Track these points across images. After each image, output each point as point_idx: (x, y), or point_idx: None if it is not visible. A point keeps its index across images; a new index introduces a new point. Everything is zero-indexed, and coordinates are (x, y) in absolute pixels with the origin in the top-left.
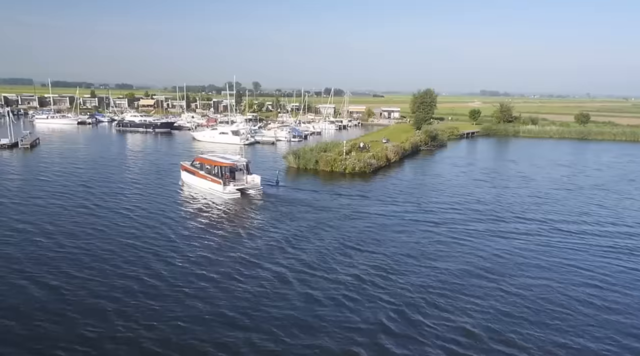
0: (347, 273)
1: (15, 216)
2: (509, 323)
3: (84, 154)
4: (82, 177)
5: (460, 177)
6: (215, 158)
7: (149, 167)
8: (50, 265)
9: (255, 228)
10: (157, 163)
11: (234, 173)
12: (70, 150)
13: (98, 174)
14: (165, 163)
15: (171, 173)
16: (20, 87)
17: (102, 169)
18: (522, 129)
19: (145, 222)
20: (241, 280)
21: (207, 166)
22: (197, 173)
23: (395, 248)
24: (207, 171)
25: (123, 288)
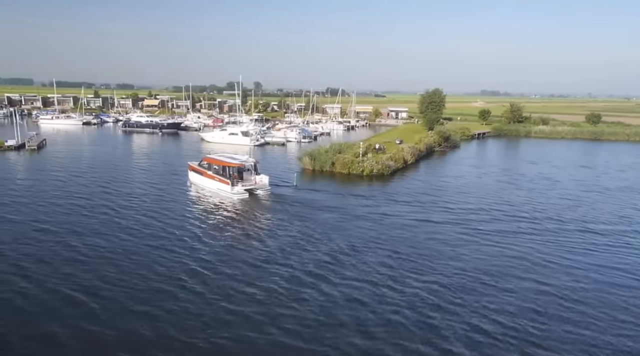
0: (396, 289)
1: (40, 216)
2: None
3: (93, 156)
4: (95, 179)
5: (483, 179)
6: (223, 158)
7: (159, 168)
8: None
9: (268, 229)
10: (167, 165)
11: (241, 174)
12: (78, 152)
13: (109, 176)
14: (175, 164)
15: (183, 174)
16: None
17: (112, 171)
18: (534, 130)
19: (155, 222)
20: (253, 282)
21: (215, 166)
22: (204, 173)
23: (440, 260)
24: (215, 171)
25: (135, 288)
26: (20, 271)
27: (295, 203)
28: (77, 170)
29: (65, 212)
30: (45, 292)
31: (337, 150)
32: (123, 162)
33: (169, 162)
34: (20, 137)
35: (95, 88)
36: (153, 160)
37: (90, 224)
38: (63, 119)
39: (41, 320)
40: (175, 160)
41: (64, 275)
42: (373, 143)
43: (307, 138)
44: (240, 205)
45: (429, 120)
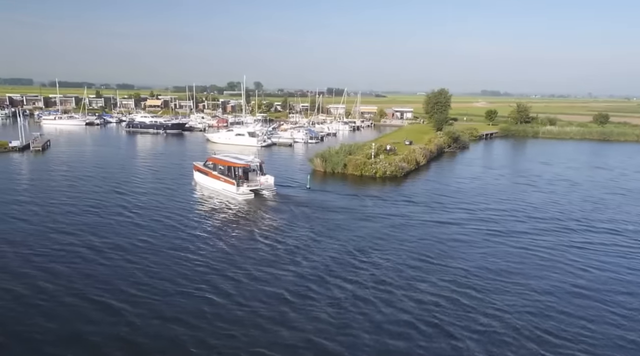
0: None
1: (57, 219)
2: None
3: (99, 157)
4: (106, 181)
5: (500, 181)
6: (229, 158)
7: (168, 170)
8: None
9: (276, 230)
10: (176, 166)
11: (247, 174)
12: (83, 153)
13: (119, 177)
14: (184, 165)
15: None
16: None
17: (120, 172)
18: (542, 130)
19: (163, 222)
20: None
21: (220, 166)
22: (210, 173)
23: (468, 262)
24: (220, 171)
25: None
26: (45, 276)
27: (313, 206)
28: (86, 171)
29: (80, 214)
30: (74, 297)
31: (348, 152)
32: (130, 163)
33: (177, 163)
34: (24, 138)
35: (95, 88)
36: (160, 161)
37: (106, 226)
38: (66, 120)
39: (73, 325)
40: (183, 161)
41: (89, 279)
42: (384, 145)
43: (314, 139)
44: (246, 206)
45: (437, 120)
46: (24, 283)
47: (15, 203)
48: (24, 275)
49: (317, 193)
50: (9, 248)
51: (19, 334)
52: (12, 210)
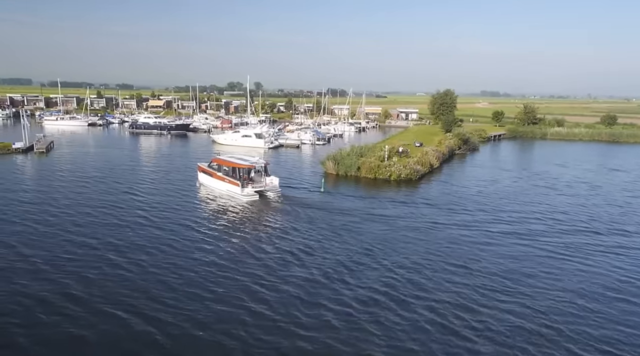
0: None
1: (72, 226)
2: None
3: (105, 159)
4: (118, 184)
5: (520, 183)
6: (233, 159)
7: (178, 172)
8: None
9: (284, 232)
10: (186, 167)
11: (251, 175)
12: (89, 155)
13: (130, 180)
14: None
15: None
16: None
17: (130, 175)
18: (550, 131)
19: (170, 224)
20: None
21: (224, 167)
22: (214, 174)
23: (501, 266)
24: (224, 172)
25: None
26: (64, 290)
27: (329, 209)
28: (94, 173)
29: (97, 216)
30: (97, 315)
31: (359, 154)
32: (138, 164)
33: (186, 164)
34: (27, 139)
35: (93, 88)
36: (168, 162)
37: (125, 229)
38: (68, 120)
39: (110, 336)
40: (190, 162)
41: (112, 293)
42: (395, 146)
43: (321, 141)
44: (251, 207)
45: (445, 121)
46: (56, 291)
47: (30, 206)
48: (53, 282)
49: (332, 196)
50: (32, 252)
51: (54, 344)
52: (29, 214)
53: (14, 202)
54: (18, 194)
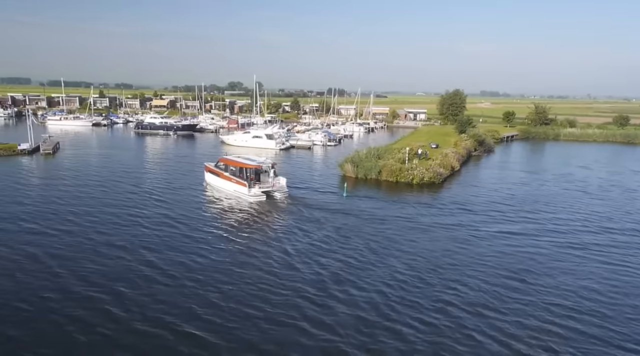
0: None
1: (100, 230)
2: None
3: (115, 160)
4: (137, 186)
5: (549, 187)
6: (240, 159)
7: (192, 173)
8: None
9: (323, 241)
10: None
11: (259, 175)
12: (97, 156)
13: (147, 182)
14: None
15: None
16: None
17: (147, 176)
18: (563, 132)
19: (200, 232)
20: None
21: (231, 167)
22: (221, 174)
23: (559, 279)
24: (231, 172)
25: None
26: (109, 299)
27: (358, 215)
28: (108, 176)
29: (120, 225)
30: (149, 325)
31: (376, 156)
32: (152, 167)
33: (193, 167)
34: (33, 140)
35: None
36: (180, 164)
37: (152, 237)
38: (72, 120)
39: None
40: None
41: (159, 303)
42: (414, 148)
43: (332, 142)
44: (258, 208)
45: (459, 122)
46: (89, 308)
47: (50, 212)
48: (87, 299)
49: (356, 201)
50: (57, 264)
51: None
52: (51, 221)
53: (31, 208)
54: (34, 199)
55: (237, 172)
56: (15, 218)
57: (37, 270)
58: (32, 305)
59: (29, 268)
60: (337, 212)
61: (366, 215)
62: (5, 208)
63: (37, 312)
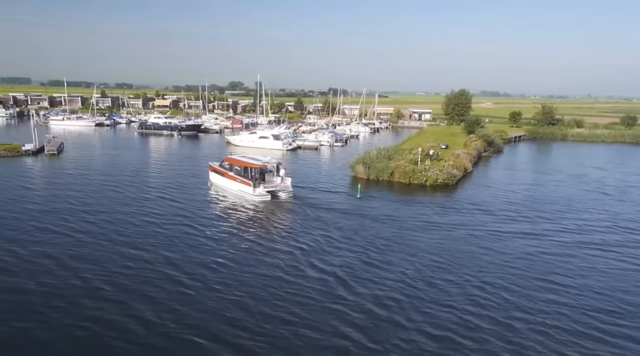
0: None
1: (117, 237)
2: None
3: (122, 161)
4: (149, 188)
5: (565, 188)
6: (245, 159)
7: (202, 174)
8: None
9: (313, 236)
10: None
11: (264, 175)
12: (102, 157)
13: (158, 183)
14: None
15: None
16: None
17: (157, 178)
18: (571, 133)
19: (220, 233)
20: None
21: (236, 167)
22: (226, 174)
23: (588, 281)
24: (236, 172)
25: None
26: (129, 311)
27: (375, 217)
28: (117, 177)
29: (136, 227)
30: (193, 334)
31: (387, 157)
32: (160, 167)
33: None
34: (37, 141)
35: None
36: (189, 165)
37: (170, 239)
38: (74, 120)
39: None
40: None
41: (186, 305)
42: (426, 149)
43: (339, 142)
44: (264, 207)
45: (468, 122)
46: (129, 314)
47: (66, 213)
48: (121, 303)
49: (371, 203)
50: (82, 266)
51: None
52: (67, 222)
53: (44, 210)
54: (46, 200)
55: (242, 172)
56: (29, 219)
57: (61, 274)
58: (58, 310)
59: (53, 272)
60: (353, 213)
61: (383, 217)
62: (19, 209)
63: (65, 316)
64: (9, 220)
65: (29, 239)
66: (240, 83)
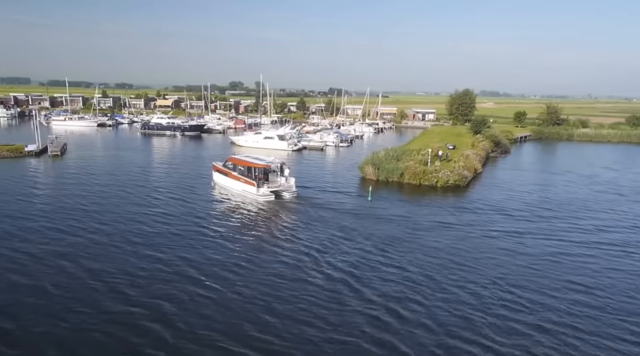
0: None
1: (133, 239)
2: None
3: (127, 162)
4: (160, 190)
5: (578, 188)
6: (249, 159)
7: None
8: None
9: (329, 240)
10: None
11: (267, 175)
12: (107, 157)
13: (169, 185)
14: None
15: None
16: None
17: (165, 179)
18: (577, 133)
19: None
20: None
21: (240, 167)
22: (229, 174)
23: (614, 282)
24: (240, 172)
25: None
26: (157, 316)
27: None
28: (124, 178)
29: (149, 228)
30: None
31: (395, 158)
32: (166, 168)
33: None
34: (40, 141)
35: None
36: (195, 165)
37: (182, 241)
38: (76, 121)
39: None
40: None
41: (205, 318)
42: (435, 149)
43: (344, 143)
44: (267, 207)
45: (474, 122)
46: (148, 318)
47: (77, 217)
48: (147, 305)
49: (381, 204)
50: (98, 274)
51: None
52: (76, 228)
53: (54, 213)
54: (54, 203)
55: (246, 172)
56: (40, 224)
57: (75, 282)
58: (79, 314)
59: (66, 280)
60: (366, 216)
61: (398, 219)
62: (28, 213)
63: (88, 321)
64: (20, 220)
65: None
66: (240, 83)
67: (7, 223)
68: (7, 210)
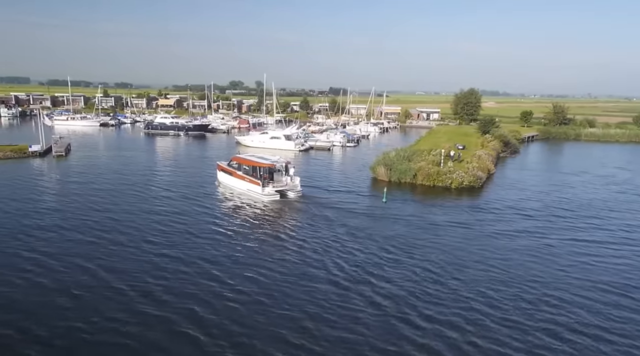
0: None
1: (151, 239)
2: None
3: (133, 162)
4: (173, 191)
5: (595, 189)
6: (254, 158)
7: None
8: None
9: (349, 246)
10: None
11: (272, 174)
12: (112, 158)
13: (179, 185)
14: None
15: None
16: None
17: (162, 178)
18: (584, 132)
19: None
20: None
21: (245, 166)
22: (234, 173)
23: None
24: (245, 172)
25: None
26: (188, 317)
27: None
28: (133, 179)
29: (166, 229)
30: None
31: (406, 158)
32: (173, 168)
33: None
34: (44, 142)
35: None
36: (201, 166)
37: (199, 244)
38: (79, 120)
39: None
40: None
41: (235, 323)
42: (446, 150)
43: (351, 142)
44: (272, 207)
45: (482, 122)
46: (164, 331)
47: (91, 219)
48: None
49: (398, 205)
50: (115, 278)
51: None
52: (94, 229)
53: (68, 215)
54: (67, 205)
55: (251, 171)
56: (54, 227)
57: (96, 285)
58: (94, 326)
59: (87, 284)
60: (382, 218)
61: (416, 221)
62: (40, 215)
63: (104, 334)
64: (33, 220)
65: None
66: (240, 82)
67: (22, 223)
68: (22, 210)
